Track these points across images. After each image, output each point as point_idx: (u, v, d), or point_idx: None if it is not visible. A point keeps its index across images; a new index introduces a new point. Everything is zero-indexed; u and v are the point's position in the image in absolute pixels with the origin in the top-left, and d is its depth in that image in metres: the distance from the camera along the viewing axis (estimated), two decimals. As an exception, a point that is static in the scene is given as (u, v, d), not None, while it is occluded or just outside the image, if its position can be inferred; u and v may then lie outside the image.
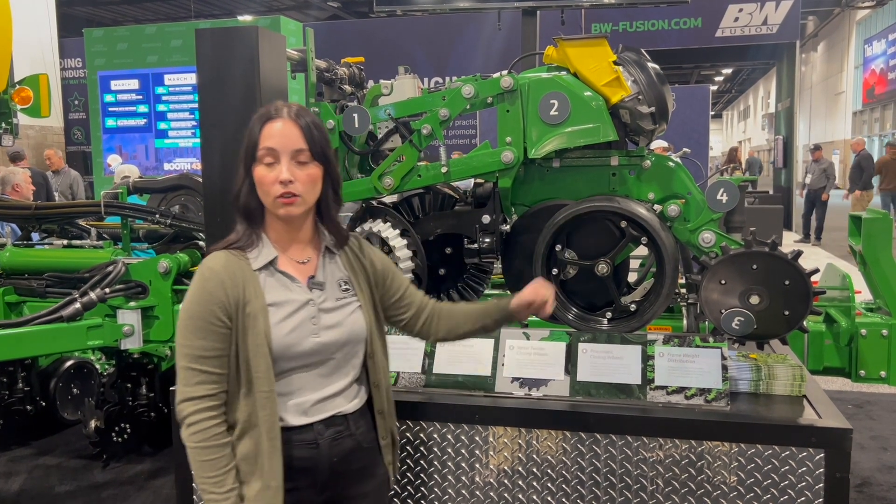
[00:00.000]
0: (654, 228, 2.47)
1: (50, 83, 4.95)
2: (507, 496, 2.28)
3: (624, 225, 2.52)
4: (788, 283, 2.31)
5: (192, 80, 11.24)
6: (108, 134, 12.16)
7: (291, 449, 1.67)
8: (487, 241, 2.62)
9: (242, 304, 1.62)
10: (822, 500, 2.06)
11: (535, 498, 2.26)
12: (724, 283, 2.37)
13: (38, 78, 4.84)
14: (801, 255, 2.34)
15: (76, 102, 13.77)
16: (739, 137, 48.39)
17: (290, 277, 1.69)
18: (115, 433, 3.84)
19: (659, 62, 2.55)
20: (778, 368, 2.39)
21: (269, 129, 1.64)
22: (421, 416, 2.32)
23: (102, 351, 4.11)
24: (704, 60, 22.67)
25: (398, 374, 2.47)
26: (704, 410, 2.23)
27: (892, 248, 3.03)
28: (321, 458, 1.70)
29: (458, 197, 2.79)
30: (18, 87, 4.71)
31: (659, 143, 6.38)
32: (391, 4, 7.11)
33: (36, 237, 4.15)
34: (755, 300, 2.34)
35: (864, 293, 3.18)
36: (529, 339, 2.47)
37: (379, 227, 2.68)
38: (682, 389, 2.28)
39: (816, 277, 2.39)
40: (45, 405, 4.25)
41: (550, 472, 2.25)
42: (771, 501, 2.10)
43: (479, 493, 2.30)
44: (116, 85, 11.93)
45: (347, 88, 3.03)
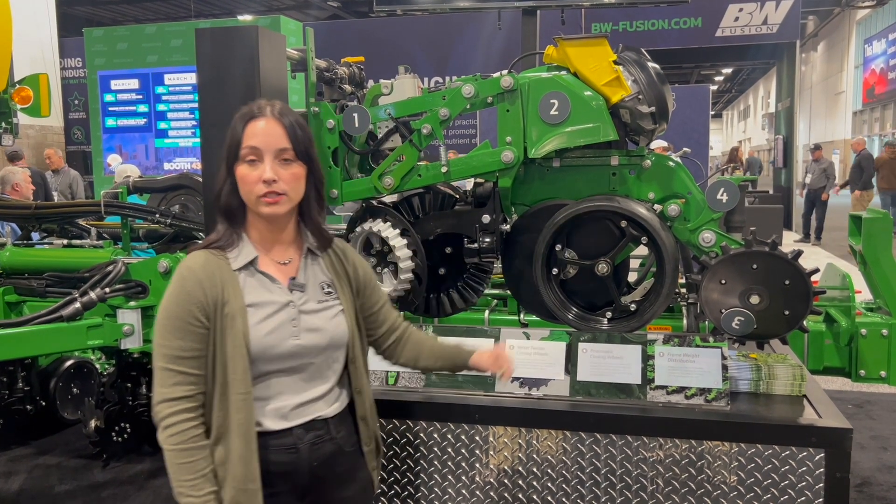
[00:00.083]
0: (654, 228, 2.46)
1: (50, 83, 4.96)
2: (507, 496, 2.28)
3: (624, 224, 2.52)
4: (788, 282, 2.31)
5: (192, 79, 11.25)
6: (108, 133, 12.18)
7: (269, 453, 1.63)
8: (487, 240, 2.62)
9: (221, 304, 1.59)
10: (822, 499, 2.06)
11: (535, 498, 2.26)
12: (724, 282, 2.37)
13: (38, 77, 4.84)
14: (801, 254, 2.34)
15: (76, 102, 13.77)
16: (739, 137, 48.34)
17: (270, 278, 1.67)
18: (115, 433, 3.84)
19: (659, 62, 2.54)
20: (778, 368, 2.39)
21: (252, 127, 1.62)
22: (421, 415, 2.32)
23: (102, 350, 4.12)
24: (704, 60, 22.68)
25: (398, 374, 2.47)
26: (704, 410, 2.23)
27: (892, 247, 3.03)
28: (301, 462, 1.67)
29: (458, 196, 2.79)
30: (18, 86, 4.71)
31: (659, 142, 6.38)
32: (391, 4, 7.12)
33: (36, 237, 4.16)
34: (755, 300, 2.34)
35: (864, 293, 3.19)
36: (529, 338, 2.46)
37: (379, 226, 2.68)
38: (682, 389, 2.28)
39: (816, 277, 2.39)
40: (45, 405, 4.25)
41: (550, 471, 2.25)
42: (771, 501, 2.10)
43: (479, 492, 2.30)
44: (116, 84, 11.94)
45: (347, 88, 3.03)
